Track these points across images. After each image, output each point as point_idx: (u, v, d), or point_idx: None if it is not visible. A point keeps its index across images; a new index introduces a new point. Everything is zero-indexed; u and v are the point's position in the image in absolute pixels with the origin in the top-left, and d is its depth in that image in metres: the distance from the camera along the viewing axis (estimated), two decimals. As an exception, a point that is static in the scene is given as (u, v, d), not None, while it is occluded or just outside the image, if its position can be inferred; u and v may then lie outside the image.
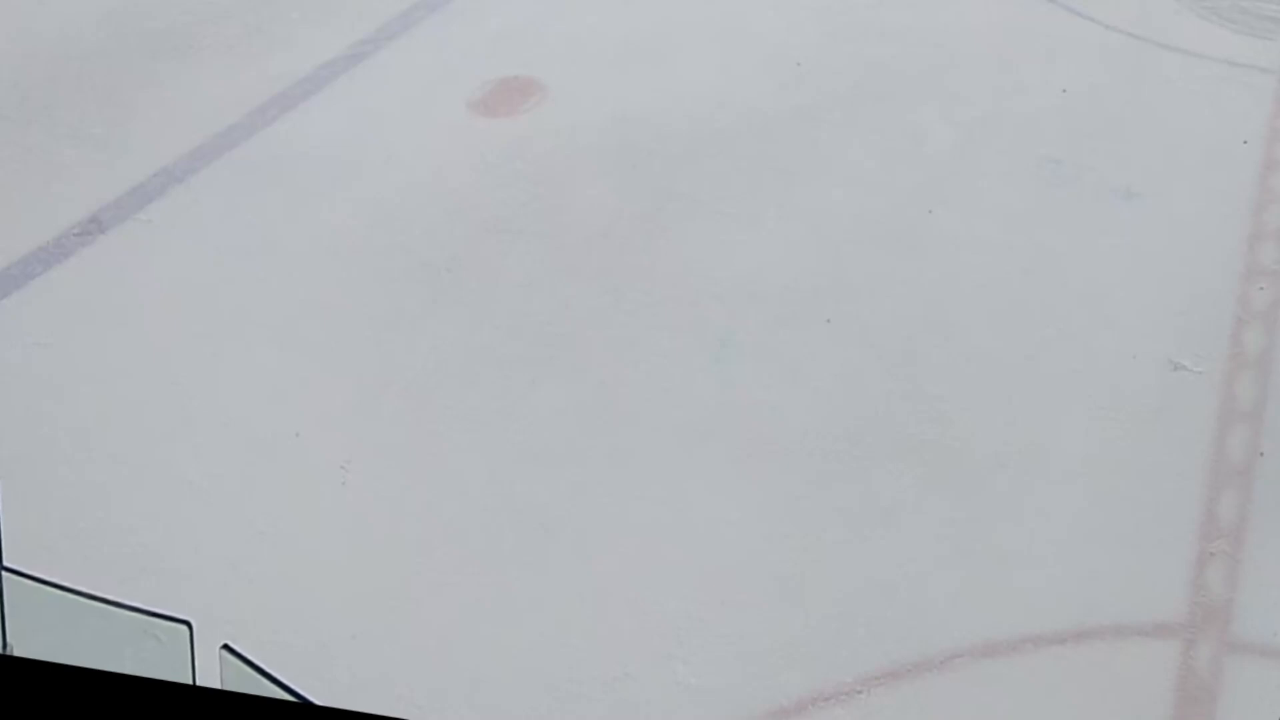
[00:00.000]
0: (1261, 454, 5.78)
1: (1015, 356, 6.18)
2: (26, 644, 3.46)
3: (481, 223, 6.78)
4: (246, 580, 5.23)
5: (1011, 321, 6.34)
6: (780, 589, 5.27)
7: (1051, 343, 6.25)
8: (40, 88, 7.52)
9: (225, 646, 3.27)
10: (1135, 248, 6.75)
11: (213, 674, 3.21)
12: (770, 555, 5.38)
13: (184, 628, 3.35)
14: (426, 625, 5.12)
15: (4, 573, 3.47)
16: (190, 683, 3.16)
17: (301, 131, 7.31)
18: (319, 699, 3.42)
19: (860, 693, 4.95)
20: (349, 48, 7.87)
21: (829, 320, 6.31)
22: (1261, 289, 6.53)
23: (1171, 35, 8.12)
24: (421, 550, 5.37)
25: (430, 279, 6.47)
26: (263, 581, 5.23)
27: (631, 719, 4.88)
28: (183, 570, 5.25)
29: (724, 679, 4.97)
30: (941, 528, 5.48)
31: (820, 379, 6.06)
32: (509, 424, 5.83)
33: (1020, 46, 8.04)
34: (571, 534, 5.44)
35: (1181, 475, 5.69)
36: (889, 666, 5.02)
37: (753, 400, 5.96)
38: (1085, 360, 6.17)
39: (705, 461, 5.71)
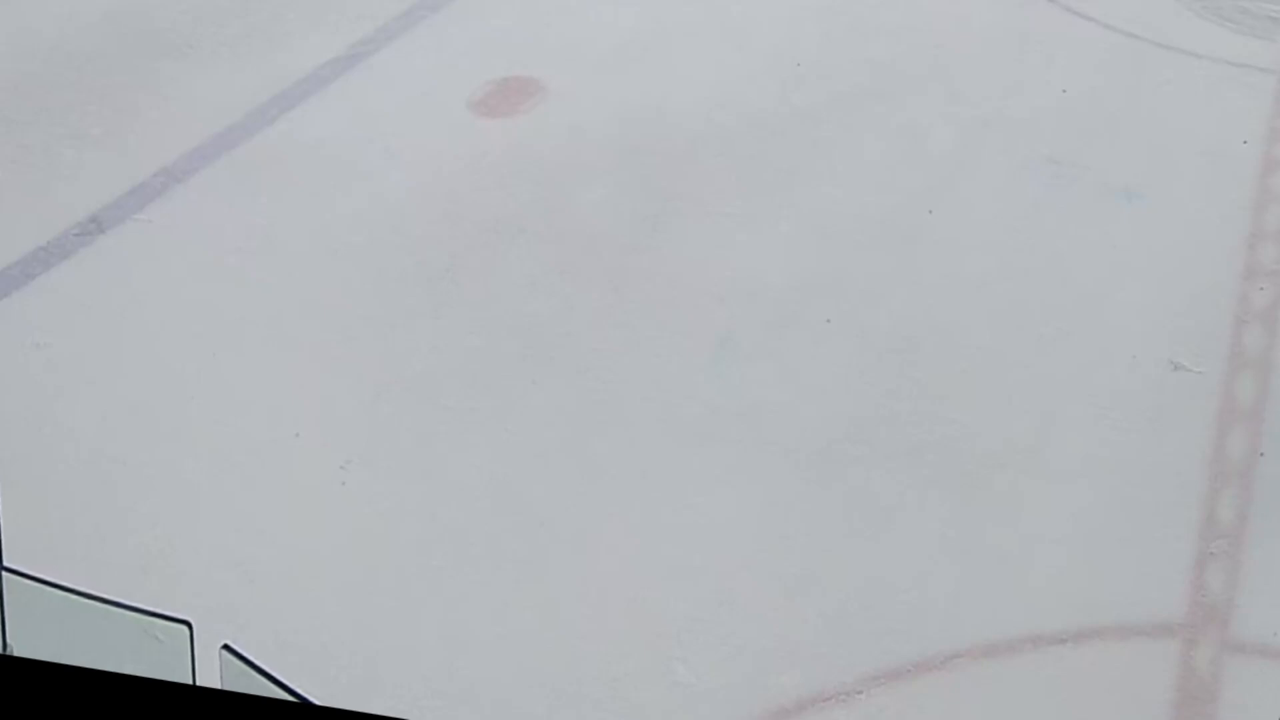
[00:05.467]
0: (1261, 454, 5.78)
1: (1015, 356, 6.18)
2: (26, 644, 3.45)
3: (481, 223, 6.77)
4: (247, 580, 5.23)
5: (1011, 321, 6.34)
6: (780, 589, 5.27)
7: (1051, 343, 6.25)
8: (40, 88, 7.52)
9: (225, 646, 3.27)
10: (1135, 248, 6.75)
11: (213, 674, 3.21)
12: (770, 555, 5.38)
13: (184, 628, 3.34)
14: (426, 625, 5.12)
15: (4, 573, 3.47)
16: (190, 683, 3.16)
17: (301, 131, 7.31)
18: (319, 699, 3.42)
19: (860, 693, 4.95)
20: (349, 48, 7.87)
21: (829, 320, 6.31)
22: (1261, 289, 6.53)
23: (1171, 35, 8.12)
24: (421, 550, 5.37)
25: (430, 278, 6.47)
26: (263, 581, 5.23)
27: (631, 719, 4.88)
28: (183, 570, 5.25)
29: (724, 679, 4.97)
30: (941, 528, 5.48)
31: (820, 379, 6.06)
32: (509, 424, 5.83)
33: (1020, 46, 8.04)
34: (571, 534, 5.44)
35: (1181, 475, 5.69)
36: (889, 666, 5.02)
37: (752, 400, 5.96)
38: (1085, 360, 6.17)
39: (705, 461, 5.71)
